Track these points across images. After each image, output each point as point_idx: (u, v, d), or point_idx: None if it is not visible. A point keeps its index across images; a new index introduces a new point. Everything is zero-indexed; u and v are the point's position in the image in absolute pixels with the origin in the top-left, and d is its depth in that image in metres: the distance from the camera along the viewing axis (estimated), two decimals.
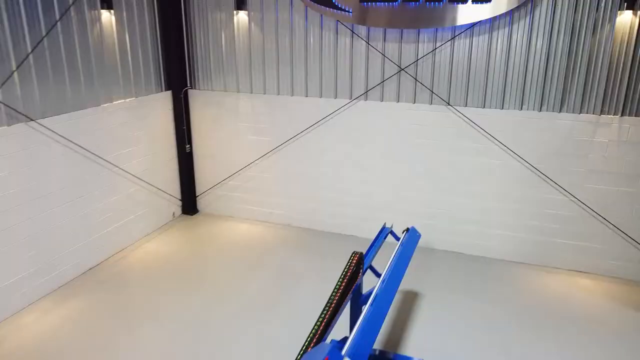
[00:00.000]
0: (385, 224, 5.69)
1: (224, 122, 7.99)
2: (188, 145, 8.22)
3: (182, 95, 7.93)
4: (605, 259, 6.57)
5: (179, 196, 8.41)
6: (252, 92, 7.68)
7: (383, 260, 4.89)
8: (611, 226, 6.41)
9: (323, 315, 3.82)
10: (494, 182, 6.79)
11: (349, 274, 4.30)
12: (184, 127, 8.06)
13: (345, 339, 3.76)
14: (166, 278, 6.55)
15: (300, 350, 3.46)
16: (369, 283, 4.75)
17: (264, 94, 7.61)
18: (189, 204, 8.50)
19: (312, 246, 7.45)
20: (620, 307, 5.96)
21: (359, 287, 4.77)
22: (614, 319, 5.73)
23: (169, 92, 7.88)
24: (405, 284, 6.28)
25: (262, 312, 5.81)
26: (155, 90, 7.61)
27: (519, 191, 6.70)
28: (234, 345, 5.23)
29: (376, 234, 5.44)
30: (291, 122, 7.56)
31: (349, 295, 4.44)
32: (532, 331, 5.48)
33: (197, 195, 8.57)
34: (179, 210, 8.48)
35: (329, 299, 4.05)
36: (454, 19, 6.24)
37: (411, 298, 6.08)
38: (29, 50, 5.52)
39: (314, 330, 3.67)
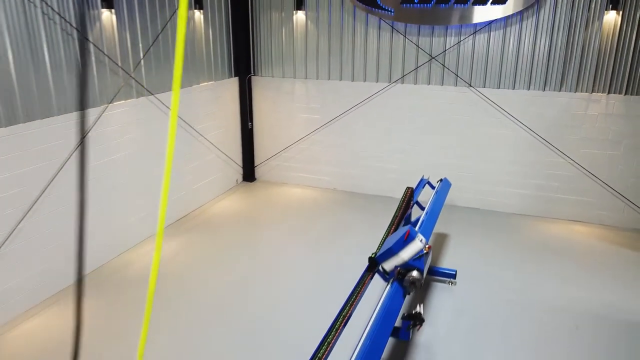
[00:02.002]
0: (423, 175, 7.34)
1: (281, 103, 9.65)
2: (250, 123, 9.88)
3: (246, 81, 9.59)
4: (596, 210, 8.18)
5: (241, 165, 10.07)
6: (306, 78, 9.33)
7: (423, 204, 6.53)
8: (600, 183, 8.03)
9: (392, 223, 5.45)
10: (505, 148, 8.42)
11: (405, 200, 5.94)
12: (248, 108, 9.72)
13: None
14: (242, 224, 8.20)
15: (380, 241, 5.08)
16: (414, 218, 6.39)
17: (317, 79, 9.25)
18: (249, 172, 10.16)
19: (356, 204, 9.08)
20: (606, 244, 7.57)
21: (409, 216, 6.41)
22: (601, 252, 7.33)
23: (237, 78, 9.53)
24: (435, 229, 7.88)
25: (325, 245, 7.45)
26: (228, 76, 9.27)
27: (526, 156, 8.33)
28: (306, 268, 6.86)
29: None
30: (339, 102, 9.20)
31: (403, 221, 6.08)
32: (537, 259, 7.09)
33: (255, 165, 10.22)
34: (240, 178, 10.14)
35: (394, 215, 5.69)
36: (476, 17, 7.87)
37: (442, 237, 7.71)
38: (150, 42, 7.18)
39: (387, 231, 5.31)
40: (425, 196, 6.96)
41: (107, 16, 6.41)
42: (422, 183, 7.11)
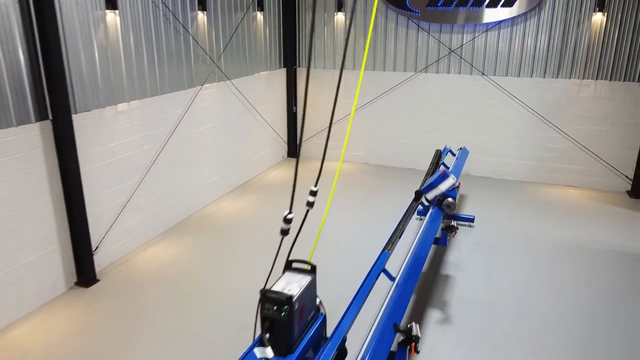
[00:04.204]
0: (446, 145, 9.08)
1: (322, 90, 11.41)
2: (294, 107, 11.65)
3: (292, 71, 11.36)
4: (587, 176, 9.92)
5: (286, 143, 11.84)
6: (344, 68, 11.07)
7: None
8: (590, 153, 9.76)
9: (428, 172, 7.20)
10: (512, 126, 10.16)
11: (437, 158, 7.68)
12: (293, 94, 11.49)
13: None
14: (298, 186, 9.95)
15: (422, 182, 6.82)
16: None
17: (353, 69, 11.02)
18: (293, 149, 11.93)
19: (385, 174, 10.84)
20: (595, 202, 9.30)
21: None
22: (590, 208, 9.07)
23: (284, 69, 11.30)
24: None
25: (365, 200, 9.22)
26: (278, 67, 11.04)
27: (529, 132, 10.07)
28: (354, 215, 8.62)
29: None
30: (372, 89, 10.95)
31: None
32: (538, 211, 8.82)
33: (298, 143, 11.99)
34: (285, 154, 11.91)
35: (428, 168, 7.44)
36: (488, 18, 9.62)
37: (461, 197, 9.44)
38: (228, 39, 8.96)
39: (425, 177, 7.05)
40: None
41: (201, 17, 8.19)
42: (445, 151, 8.84)
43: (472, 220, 8.13)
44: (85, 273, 6.31)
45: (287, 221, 3.17)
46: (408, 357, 3.94)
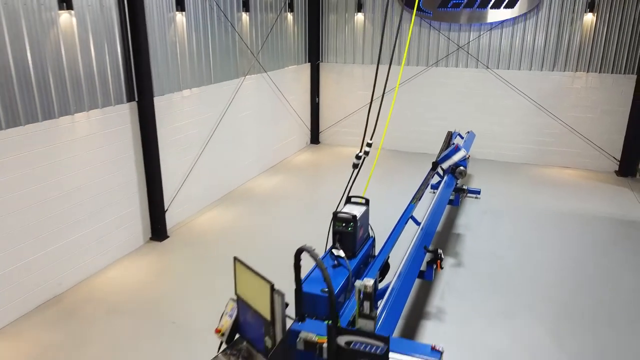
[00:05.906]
0: (455, 129, 10.36)
1: (342, 83, 12.69)
2: (317, 98, 12.94)
3: (316, 66, 12.64)
4: (580, 158, 11.19)
5: (309, 131, 13.14)
6: (362, 63, 12.37)
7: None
8: (583, 138, 11.03)
9: (441, 149, 8.48)
10: (513, 114, 11.42)
11: (448, 137, 8.96)
12: (316, 86, 12.77)
13: None
14: (320, 169, 11.25)
15: (437, 155, 8.09)
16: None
17: (371, 64, 12.30)
18: (315, 136, 13.22)
19: (400, 158, 12.12)
20: (586, 181, 10.57)
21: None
22: (582, 185, 10.34)
23: (309, 64, 12.59)
24: None
25: (384, 178, 10.50)
26: (304, 62, 12.33)
27: (528, 119, 11.34)
28: (378, 188, 9.90)
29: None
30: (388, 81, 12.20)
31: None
32: (537, 187, 10.09)
33: (320, 131, 13.27)
34: (309, 140, 13.20)
35: (442, 146, 8.72)
36: (492, 18, 10.89)
37: (468, 177, 10.71)
38: (265, 36, 10.25)
39: (439, 152, 8.33)
40: None
41: (245, 17, 9.48)
42: (455, 135, 10.12)
43: (478, 192, 9.43)
44: (158, 230, 7.60)
45: (358, 157, 4.46)
46: (434, 273, 5.22)
